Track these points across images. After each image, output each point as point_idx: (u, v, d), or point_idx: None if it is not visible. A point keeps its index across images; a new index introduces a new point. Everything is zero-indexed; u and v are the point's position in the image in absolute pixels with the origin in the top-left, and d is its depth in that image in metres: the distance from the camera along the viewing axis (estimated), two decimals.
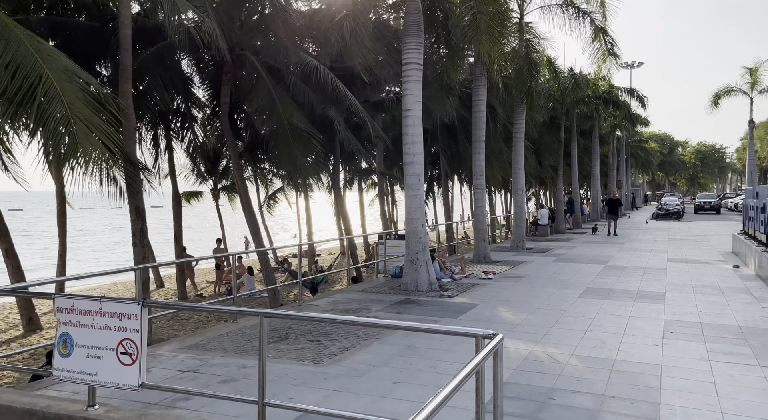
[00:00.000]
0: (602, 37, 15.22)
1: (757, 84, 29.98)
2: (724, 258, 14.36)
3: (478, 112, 13.96)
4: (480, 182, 14.12)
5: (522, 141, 17.16)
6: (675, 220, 34.26)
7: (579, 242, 19.43)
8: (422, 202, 10.01)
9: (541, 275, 11.71)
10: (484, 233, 14.01)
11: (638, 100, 31.51)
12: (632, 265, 13.22)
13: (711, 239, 19.98)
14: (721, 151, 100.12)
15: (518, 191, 17.28)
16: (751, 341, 6.37)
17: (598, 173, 34.86)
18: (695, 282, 10.63)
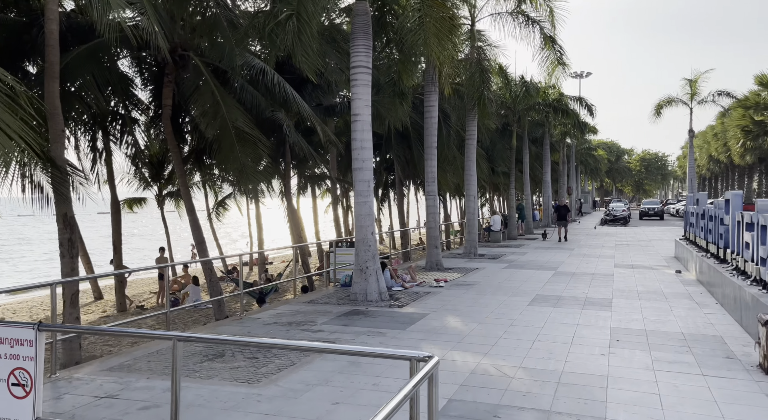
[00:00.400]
0: (551, 45, 15.44)
1: (696, 95, 31.37)
2: (667, 263, 14.74)
3: (429, 118, 13.86)
4: (432, 188, 14.01)
5: (474, 147, 17.20)
6: (622, 226, 35.36)
7: (530, 248, 19.64)
8: (372, 209, 9.75)
9: (492, 282, 11.64)
10: (437, 240, 13.88)
11: (587, 109, 32.40)
12: (581, 271, 13.37)
13: (655, 244, 20.61)
14: (663, 159, 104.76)
15: (471, 197, 17.29)
16: (694, 349, 6.39)
17: (549, 180, 35.63)
18: (640, 288, 10.79)
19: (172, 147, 12.71)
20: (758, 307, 6.53)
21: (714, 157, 56.93)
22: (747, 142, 35.82)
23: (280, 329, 7.51)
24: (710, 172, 67.05)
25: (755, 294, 6.79)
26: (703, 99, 31.42)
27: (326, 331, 7.42)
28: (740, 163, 46.36)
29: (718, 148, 52.17)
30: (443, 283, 11.31)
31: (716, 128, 51.78)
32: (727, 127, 45.89)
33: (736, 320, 7.72)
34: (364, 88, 9.44)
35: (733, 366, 5.74)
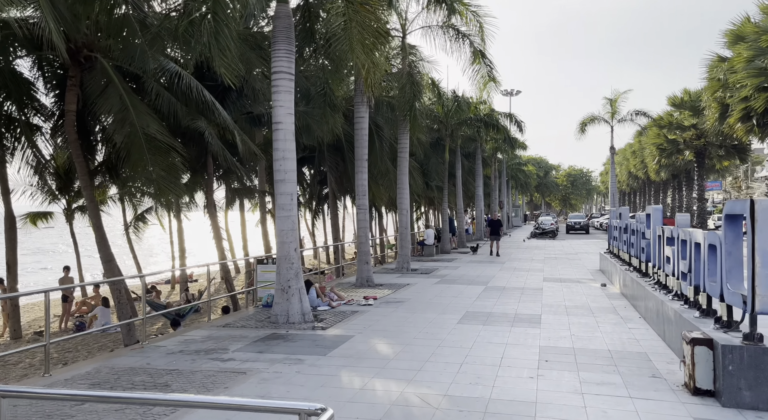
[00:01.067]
0: (481, 59, 15.53)
1: (617, 113, 33.03)
2: (593, 276, 15.02)
3: (359, 130, 13.47)
4: (363, 202, 13.57)
5: (406, 160, 16.97)
6: (550, 239, 36.45)
7: (463, 262, 19.60)
8: (295, 224, 9.15)
9: (422, 299, 11.29)
10: (367, 255, 13.42)
11: (516, 125, 33.26)
12: (511, 285, 13.32)
13: (582, 258, 21.16)
14: (588, 175, 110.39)
15: (403, 211, 17.01)
16: (621, 368, 6.24)
17: (482, 194, 36.23)
18: (568, 302, 10.78)
19: (76, 156, 11.53)
20: (680, 323, 6.49)
21: (633, 174, 60.37)
22: (662, 160, 38.10)
23: (184, 359, 6.73)
24: (630, 188, 71.12)
25: (677, 309, 6.77)
26: (623, 118, 33.12)
27: (238, 359, 6.71)
28: (656, 179, 49.37)
29: (636, 165, 55.34)
30: (372, 301, 10.83)
31: (634, 146, 54.98)
32: (644, 145, 48.79)
33: (659, 335, 7.72)
34: (287, 96, 8.88)
35: (659, 386, 5.59)
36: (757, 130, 23.02)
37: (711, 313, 6.13)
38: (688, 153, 35.74)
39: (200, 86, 11.54)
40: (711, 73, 25.93)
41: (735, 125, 23.70)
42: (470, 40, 15.63)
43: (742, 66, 21.52)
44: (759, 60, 21.04)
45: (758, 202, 4.89)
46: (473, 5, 15.27)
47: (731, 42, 23.93)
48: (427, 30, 16.08)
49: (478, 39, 15.85)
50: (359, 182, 13.49)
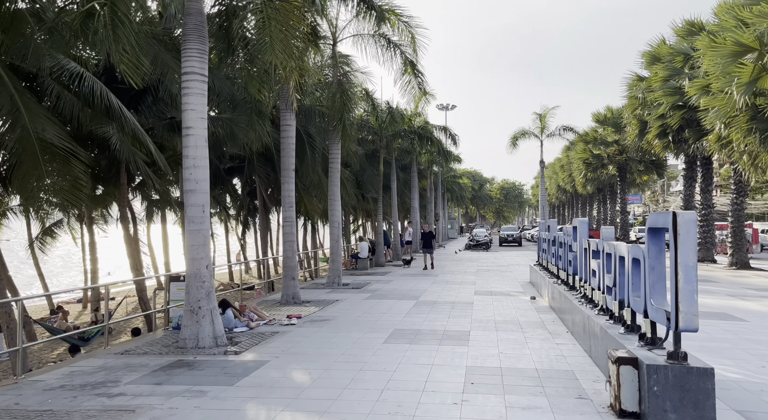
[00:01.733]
0: (412, 70, 15.35)
1: (546, 128, 34.13)
2: (523, 289, 15.04)
3: (286, 138, 12.84)
4: (289, 214, 12.90)
5: (338, 171, 16.45)
6: (484, 251, 36.98)
7: (396, 276, 19.24)
8: (207, 238, 8.38)
9: (350, 316, 10.74)
10: (294, 271, 12.72)
11: (451, 138, 33.68)
12: (442, 299, 13.03)
13: (513, 270, 21.36)
14: (520, 188, 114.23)
15: (334, 223, 16.44)
16: (547, 389, 5.95)
17: (417, 206, 36.27)
18: (498, 317, 10.58)
19: None
20: (606, 339, 6.32)
21: (561, 187, 62.81)
22: (588, 174, 39.74)
23: (63, 396, 5.82)
24: (558, 201, 74.02)
25: (603, 325, 6.61)
26: (552, 133, 34.27)
27: (129, 394, 5.89)
28: (583, 193, 51.52)
29: (564, 179, 57.58)
30: (295, 320, 10.15)
31: (562, 160, 57.22)
32: (572, 160, 50.84)
33: (586, 351, 7.57)
34: (199, 98, 8.16)
35: (585, 408, 5.33)
36: (673, 146, 24.30)
37: (635, 329, 5.99)
38: (612, 167, 37.47)
39: (104, 89, 10.53)
40: (631, 92, 27.26)
41: (653, 141, 24.92)
42: (401, 50, 15.43)
43: (659, 85, 22.68)
44: (674, 80, 22.24)
45: (680, 214, 4.74)
46: (405, 16, 15.09)
47: (648, 62, 25.25)
48: (359, 38, 15.75)
49: (410, 49, 15.68)
50: (285, 193, 12.82)
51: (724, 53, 15.54)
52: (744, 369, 6.73)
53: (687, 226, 4.71)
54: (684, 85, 21.20)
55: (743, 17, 15.48)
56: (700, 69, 20.00)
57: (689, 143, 22.88)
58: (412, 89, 15.70)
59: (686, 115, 22.09)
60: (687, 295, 4.68)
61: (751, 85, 14.73)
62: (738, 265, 21.98)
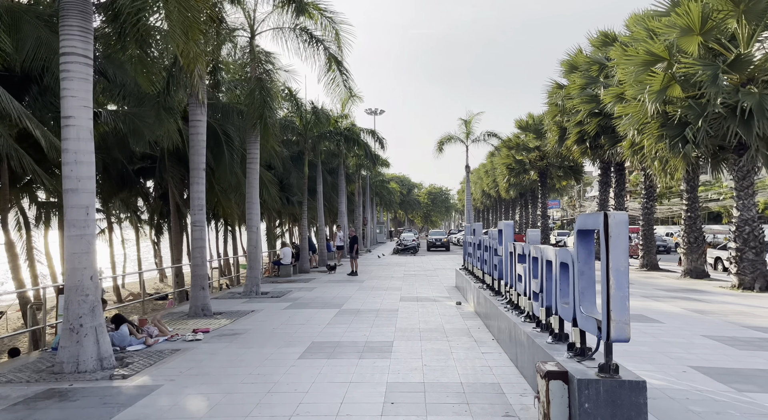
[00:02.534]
0: (337, 67, 14.70)
1: (471, 134, 34.62)
2: (449, 294, 14.75)
3: (196, 135, 11.76)
4: (199, 218, 11.81)
5: (257, 172, 15.46)
6: (412, 255, 36.94)
7: (320, 282, 18.44)
8: (92, 245, 7.26)
9: (265, 329, 9.86)
10: (203, 280, 11.63)
11: (378, 142, 33.31)
12: (366, 307, 12.42)
13: (439, 274, 21.18)
14: (446, 193, 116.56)
15: (253, 228, 15.41)
16: (473, 406, 5.46)
17: (345, 210, 35.58)
18: (423, 324, 10.10)
19: None
20: (533, 349, 5.94)
21: (486, 192, 64.48)
22: (511, 178, 40.84)
23: None
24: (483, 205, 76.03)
25: (529, 333, 6.25)
26: (477, 138, 34.81)
27: None
28: (506, 197, 53.03)
29: (488, 184, 59.13)
30: (201, 335, 9.14)
31: (487, 166, 58.76)
32: (496, 165, 52.23)
33: (512, 360, 7.20)
34: (81, 84, 7.04)
35: None
36: (590, 152, 25.23)
37: (563, 338, 5.64)
38: (533, 173, 38.69)
39: None
40: (551, 99, 28.14)
41: (572, 147, 25.77)
42: (325, 46, 14.75)
43: (577, 93, 23.45)
44: (590, 88, 23.06)
45: (612, 215, 4.39)
46: (329, 11, 14.45)
47: (567, 71, 26.15)
48: (279, 32, 14.91)
49: (335, 46, 15.05)
50: (195, 195, 11.73)
51: (636, 62, 16.12)
52: (666, 374, 6.60)
53: (618, 228, 4.36)
54: (600, 94, 22.01)
55: (653, 28, 16.15)
56: (615, 78, 20.81)
57: (605, 149, 23.81)
58: (338, 87, 15.04)
59: (602, 122, 22.97)
60: (619, 302, 4.32)
61: (661, 92, 15.34)
62: (648, 266, 23.06)
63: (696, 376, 6.47)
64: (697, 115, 14.82)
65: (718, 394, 5.80)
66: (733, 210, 16.09)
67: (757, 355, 7.54)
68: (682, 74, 15.11)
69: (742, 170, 15.63)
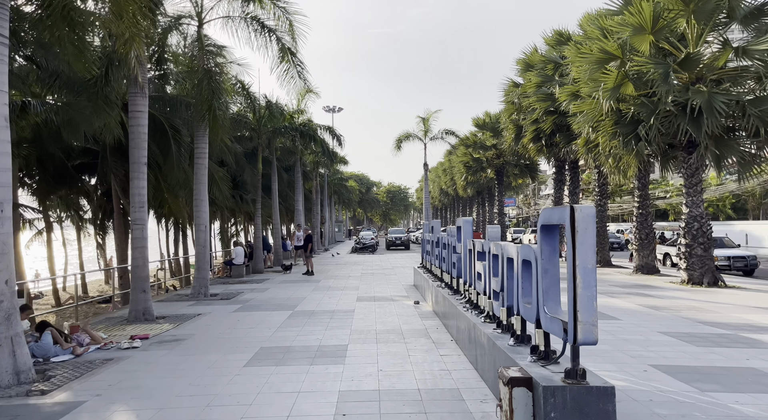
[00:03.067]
0: (290, 58, 14.09)
1: (429, 132, 34.51)
2: (407, 293, 14.41)
3: (137, 127, 10.94)
4: (140, 216, 10.99)
5: (205, 167, 14.68)
6: (370, 254, 36.56)
7: (274, 283, 17.77)
8: (8, 245, 6.47)
9: (210, 334, 9.22)
10: (144, 282, 10.83)
11: (336, 139, 32.73)
12: (321, 308, 11.92)
13: (398, 272, 20.85)
14: (405, 191, 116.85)
15: (201, 227, 14.62)
16: (431, 416, 5.08)
17: (302, 208, 34.80)
18: (379, 326, 9.69)
19: None
20: (494, 351, 5.62)
21: (444, 190, 64.81)
22: (468, 177, 41.03)
23: None
24: (441, 203, 76.51)
25: (490, 335, 5.92)
26: (435, 136, 34.72)
27: None
28: (464, 195, 53.38)
29: (446, 182, 59.39)
30: (139, 342, 8.43)
31: (445, 164, 59.00)
32: (453, 164, 52.49)
33: (471, 362, 6.88)
34: None
35: None
36: (546, 150, 25.46)
37: (526, 340, 5.33)
38: (490, 171, 38.98)
39: None
40: (507, 97, 28.27)
41: (528, 145, 25.94)
42: (278, 37, 14.12)
43: (533, 91, 23.58)
44: (546, 86, 23.24)
45: (579, 209, 4.08)
46: (281, 1, 13.84)
47: (523, 69, 26.31)
48: (229, 21, 14.19)
49: (288, 37, 14.45)
50: (135, 191, 10.91)
51: (591, 60, 16.22)
52: (628, 374, 6.42)
53: (586, 222, 4.05)
54: (555, 92, 22.19)
55: (607, 26, 16.29)
56: (570, 76, 21.01)
57: (560, 147, 24.06)
58: (292, 79, 14.43)
59: (558, 120, 23.18)
60: (586, 302, 4.02)
61: (615, 90, 15.46)
62: (601, 263, 23.44)
63: (658, 376, 6.31)
64: (649, 112, 15.01)
65: (681, 394, 5.63)
66: (682, 207, 16.43)
67: (714, 351, 7.50)
68: (635, 72, 15.28)
69: (691, 168, 15.96)
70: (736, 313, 10.69)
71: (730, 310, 11.07)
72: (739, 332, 8.76)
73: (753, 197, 42.47)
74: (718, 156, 14.88)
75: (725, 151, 14.88)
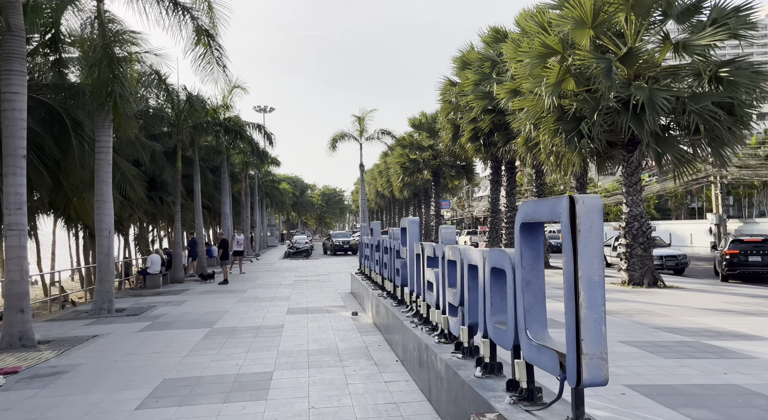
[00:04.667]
0: (207, 40, 12.44)
1: (365, 132, 33.43)
2: (344, 302, 13.11)
3: (10, 111, 8.97)
4: (16, 220, 8.98)
5: (109, 164, 12.70)
6: (304, 259, 34.92)
7: (194, 294, 15.90)
8: None
9: (102, 363, 7.50)
10: (22, 300, 8.84)
11: (266, 137, 30.91)
12: (245, 323, 10.38)
13: (333, 279, 19.49)
14: (341, 194, 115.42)
15: (103, 232, 12.60)
16: None
17: (229, 211, 32.64)
18: (312, 344, 8.34)
19: None
20: (456, 385, 4.45)
21: (380, 192, 64.01)
22: (405, 178, 40.26)
23: None
24: (377, 206, 75.75)
25: (449, 361, 4.75)
26: (371, 136, 33.68)
27: None
28: (400, 197, 52.75)
29: (383, 184, 58.59)
30: (2, 379, 6.60)
31: (381, 166, 58.19)
32: (389, 165, 51.73)
33: (423, 391, 5.70)
34: None
35: None
36: (483, 150, 24.98)
37: (497, 370, 4.21)
38: (427, 172, 38.40)
39: None
40: (444, 96, 27.67)
41: (466, 145, 25.40)
42: (193, 16, 12.43)
43: (471, 89, 23.00)
44: (483, 85, 22.72)
45: (581, 200, 2.97)
46: None
47: (460, 67, 25.77)
48: None
49: (207, 18, 12.80)
50: (10, 189, 8.90)
51: (531, 55, 15.68)
52: (606, 400, 5.47)
53: (591, 218, 2.95)
54: (493, 90, 21.70)
55: (547, 20, 15.81)
56: (507, 73, 20.56)
57: (498, 146, 23.62)
58: (209, 65, 12.76)
59: (496, 118, 22.70)
60: (592, 327, 2.92)
61: (557, 85, 14.94)
62: None
63: (638, 400, 5.41)
64: (592, 109, 14.59)
65: None
66: (622, 206, 16.20)
67: (686, 364, 6.76)
68: (577, 67, 14.84)
69: (631, 166, 15.74)
70: (686, 316, 10.22)
71: (680, 312, 10.61)
72: (701, 339, 8.16)
73: (675, 197, 44.53)
74: (659, 153, 14.67)
75: (666, 149, 14.70)
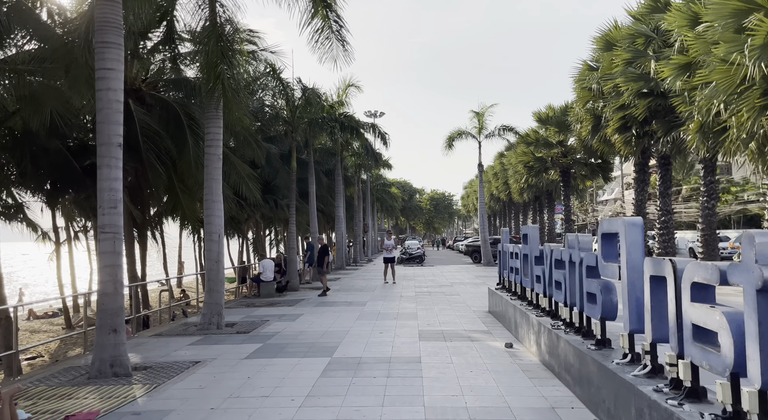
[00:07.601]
0: (325, 11, 10.62)
1: (484, 129, 30.54)
2: (486, 326, 10.55)
3: (105, 91, 7.60)
4: (111, 221, 7.57)
5: (219, 160, 11.34)
6: (418, 265, 32.88)
7: (309, 305, 14.25)
8: None
9: (197, 411, 5.68)
10: (115, 317, 7.39)
11: (380, 137, 29.37)
12: (372, 352, 8.25)
13: (459, 291, 16.97)
14: (449, 199, 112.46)
15: (213, 235, 11.24)
16: None
17: (343, 215, 31.52)
18: (470, 399, 5.89)
19: None
20: None
21: (495, 196, 60.26)
22: (530, 178, 36.63)
23: None
24: (491, 210, 71.81)
25: None
26: (491, 133, 30.72)
27: None
28: (518, 201, 48.83)
29: (498, 187, 54.89)
30: None
31: (496, 168, 54.56)
32: (506, 166, 48.10)
33: None
34: None
35: None
36: (635, 142, 21.08)
37: None
38: (554, 172, 34.54)
39: None
40: (580, 84, 24.06)
41: (612, 136, 21.69)
42: None
43: (620, 70, 19.40)
44: (635, 65, 19.03)
45: None
46: None
47: (602, 48, 22.15)
48: None
49: None
50: (104, 184, 7.51)
51: (723, 14, 12.17)
52: None
53: None
54: (650, 69, 18.00)
55: None
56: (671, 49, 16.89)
57: (658, 136, 19.72)
58: (327, 40, 10.95)
59: (653, 103, 18.92)
60: None
61: (766, 48, 11.30)
62: None
63: None
64: None
65: None
66: None
67: None
68: None
69: None
70: None
71: None
72: None
73: None
74: None
75: None
